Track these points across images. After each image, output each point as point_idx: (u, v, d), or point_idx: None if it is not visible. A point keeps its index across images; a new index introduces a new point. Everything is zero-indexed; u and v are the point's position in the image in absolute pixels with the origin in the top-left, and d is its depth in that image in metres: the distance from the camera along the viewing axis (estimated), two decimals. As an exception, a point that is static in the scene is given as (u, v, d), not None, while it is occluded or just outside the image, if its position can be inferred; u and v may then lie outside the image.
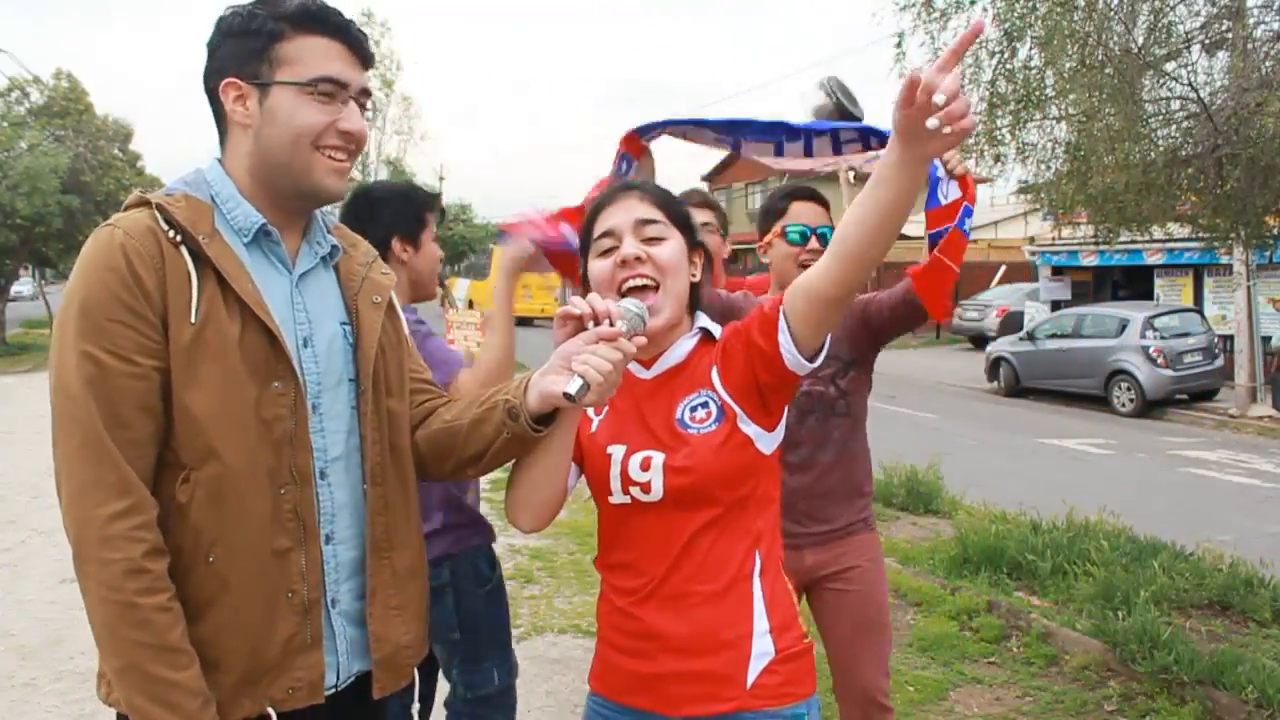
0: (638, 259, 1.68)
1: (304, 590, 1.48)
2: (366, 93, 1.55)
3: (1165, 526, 6.40)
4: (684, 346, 1.76)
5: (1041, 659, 4.57)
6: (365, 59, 1.55)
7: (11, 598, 5.45)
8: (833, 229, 2.55)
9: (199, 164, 1.59)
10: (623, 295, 1.69)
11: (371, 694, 1.59)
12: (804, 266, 2.52)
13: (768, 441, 1.72)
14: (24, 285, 37.04)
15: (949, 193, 2.38)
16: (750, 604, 1.68)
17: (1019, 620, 4.91)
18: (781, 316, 1.63)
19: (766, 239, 2.69)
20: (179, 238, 1.44)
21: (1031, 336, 16.54)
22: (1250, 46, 7.03)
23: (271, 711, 1.47)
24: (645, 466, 1.67)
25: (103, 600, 1.36)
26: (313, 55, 1.49)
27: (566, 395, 1.47)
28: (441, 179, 43.86)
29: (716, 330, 1.77)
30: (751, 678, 1.65)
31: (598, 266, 1.72)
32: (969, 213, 2.36)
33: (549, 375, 1.54)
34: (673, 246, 1.72)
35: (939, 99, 1.31)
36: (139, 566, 1.36)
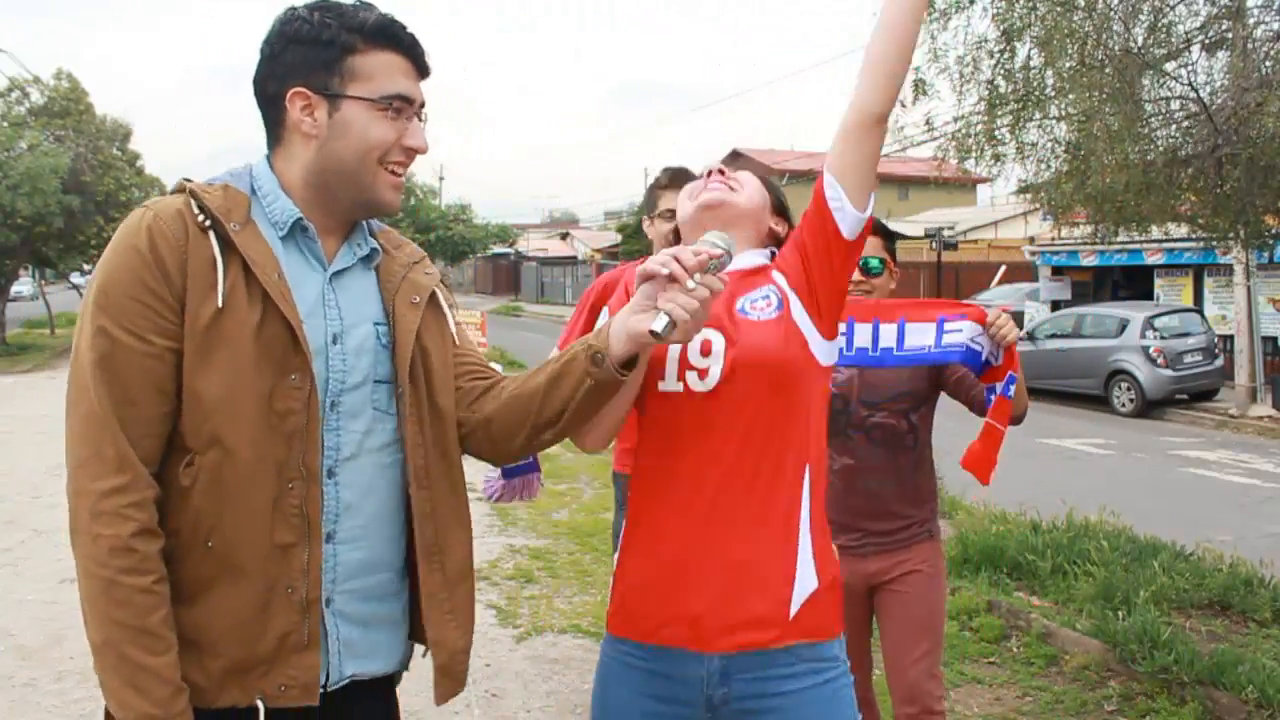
0: (721, 171, 1.83)
1: (304, 588, 1.46)
2: (424, 104, 1.57)
3: (1165, 526, 6.40)
4: (751, 257, 1.82)
5: (1041, 659, 4.57)
6: (425, 71, 1.57)
7: (12, 598, 5.45)
8: (879, 259, 2.76)
9: (208, 161, 1.59)
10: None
11: (379, 705, 1.58)
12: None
13: (823, 350, 1.73)
14: (24, 285, 37.00)
15: (999, 357, 2.52)
16: (796, 528, 1.66)
17: (1019, 620, 4.91)
18: (825, 173, 1.73)
19: None
20: (208, 223, 1.45)
21: (1031, 336, 16.54)
22: (1250, 46, 7.02)
23: (260, 704, 1.45)
24: (705, 351, 1.67)
25: (88, 574, 1.37)
26: (385, 70, 1.50)
27: (653, 333, 1.47)
28: (441, 179, 43.86)
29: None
30: (794, 609, 1.63)
31: (682, 202, 1.86)
32: (1013, 380, 2.50)
33: (634, 315, 1.51)
34: (751, 179, 1.87)
35: None
36: (126, 545, 1.36)
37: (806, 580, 1.65)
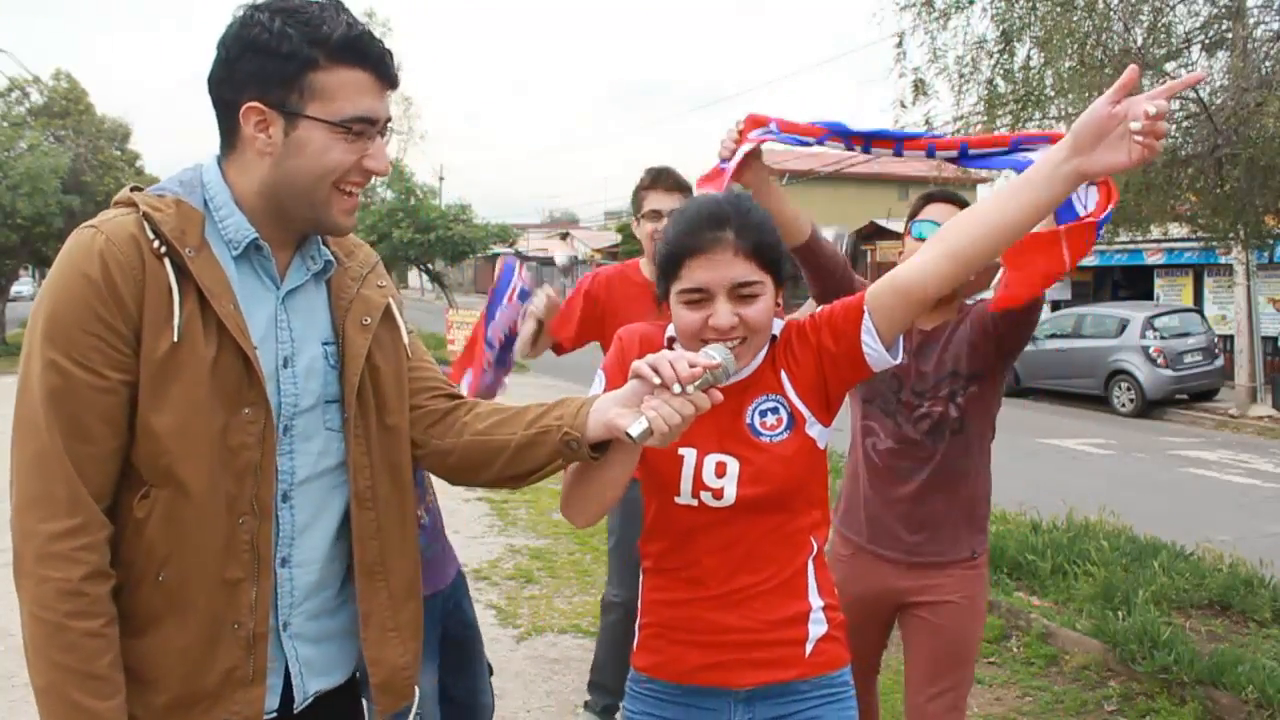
0: (731, 327, 1.65)
1: (250, 624, 1.43)
2: (389, 120, 1.49)
3: (1165, 526, 6.40)
4: (755, 362, 1.77)
5: (1041, 659, 4.57)
6: (394, 84, 1.48)
7: (12, 598, 5.43)
8: None
9: (201, 160, 1.51)
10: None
11: (346, 710, 1.57)
12: None
13: (823, 435, 1.78)
14: (24, 285, 37.02)
15: (1087, 203, 2.12)
16: (805, 586, 1.78)
17: (1019, 620, 4.91)
18: (866, 317, 1.66)
19: (904, 237, 2.72)
20: (163, 249, 1.37)
21: (1032, 336, 16.53)
22: (1250, 46, 7.02)
23: None
24: (720, 473, 1.70)
25: (34, 617, 1.33)
26: (347, 90, 1.40)
27: (628, 435, 1.46)
28: (441, 179, 43.87)
29: (778, 330, 1.79)
30: (809, 649, 1.77)
31: (686, 318, 1.68)
32: (1108, 218, 2.10)
33: (615, 408, 1.51)
34: (764, 304, 1.68)
35: (1150, 109, 1.40)
36: (76, 589, 1.31)
37: (818, 626, 1.79)
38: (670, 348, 1.79)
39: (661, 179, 3.41)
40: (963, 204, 2.62)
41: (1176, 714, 3.93)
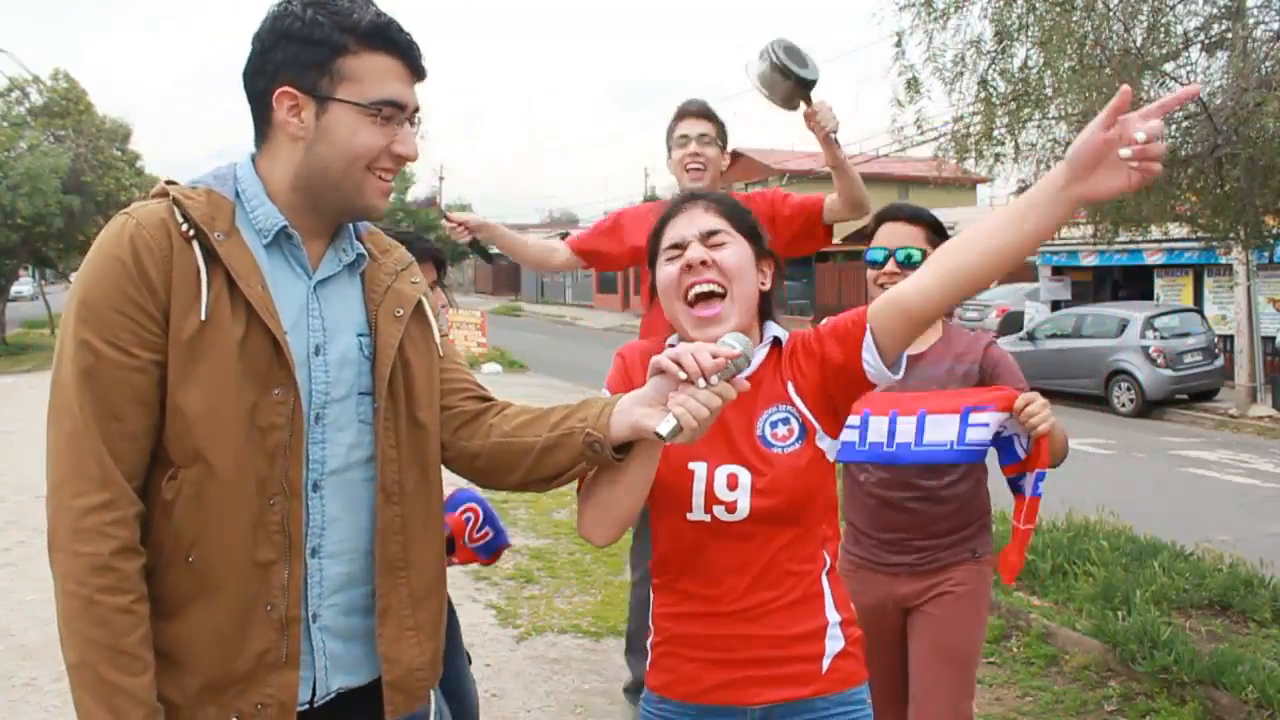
0: (704, 263, 1.72)
1: (284, 606, 1.44)
2: (418, 109, 1.52)
3: (1165, 526, 6.40)
4: (757, 357, 1.77)
5: (1041, 659, 4.57)
6: (421, 75, 1.53)
7: (12, 598, 5.45)
8: (919, 250, 2.52)
9: (206, 162, 1.56)
10: (690, 304, 1.73)
11: (363, 714, 1.54)
12: (881, 287, 2.53)
13: (832, 447, 1.78)
14: (24, 285, 37.00)
15: (1027, 448, 2.41)
16: (822, 601, 1.76)
17: (1019, 620, 4.91)
18: (868, 333, 1.66)
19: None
20: (192, 232, 1.42)
21: (1031, 336, 16.54)
22: (1250, 46, 7.03)
23: None
24: (732, 485, 1.70)
25: (66, 592, 1.35)
26: (376, 74, 1.46)
27: (658, 434, 1.46)
28: (441, 178, 43.90)
29: (784, 336, 1.81)
30: (826, 665, 1.75)
31: (665, 271, 1.77)
32: (1043, 477, 2.37)
33: (640, 408, 1.51)
34: (737, 251, 1.75)
35: (1140, 135, 1.36)
36: (106, 563, 1.34)
37: (835, 642, 1.77)
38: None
39: (687, 107, 3.53)
40: (921, 221, 2.60)
41: (1176, 714, 3.93)
